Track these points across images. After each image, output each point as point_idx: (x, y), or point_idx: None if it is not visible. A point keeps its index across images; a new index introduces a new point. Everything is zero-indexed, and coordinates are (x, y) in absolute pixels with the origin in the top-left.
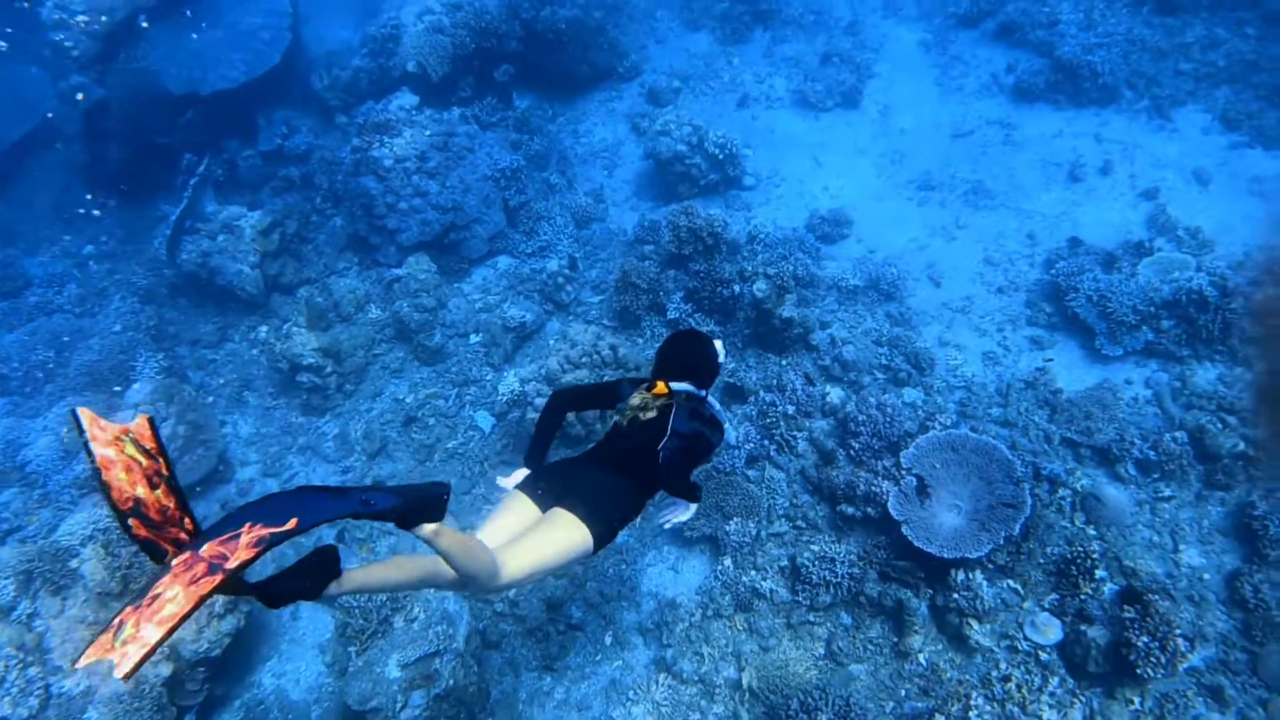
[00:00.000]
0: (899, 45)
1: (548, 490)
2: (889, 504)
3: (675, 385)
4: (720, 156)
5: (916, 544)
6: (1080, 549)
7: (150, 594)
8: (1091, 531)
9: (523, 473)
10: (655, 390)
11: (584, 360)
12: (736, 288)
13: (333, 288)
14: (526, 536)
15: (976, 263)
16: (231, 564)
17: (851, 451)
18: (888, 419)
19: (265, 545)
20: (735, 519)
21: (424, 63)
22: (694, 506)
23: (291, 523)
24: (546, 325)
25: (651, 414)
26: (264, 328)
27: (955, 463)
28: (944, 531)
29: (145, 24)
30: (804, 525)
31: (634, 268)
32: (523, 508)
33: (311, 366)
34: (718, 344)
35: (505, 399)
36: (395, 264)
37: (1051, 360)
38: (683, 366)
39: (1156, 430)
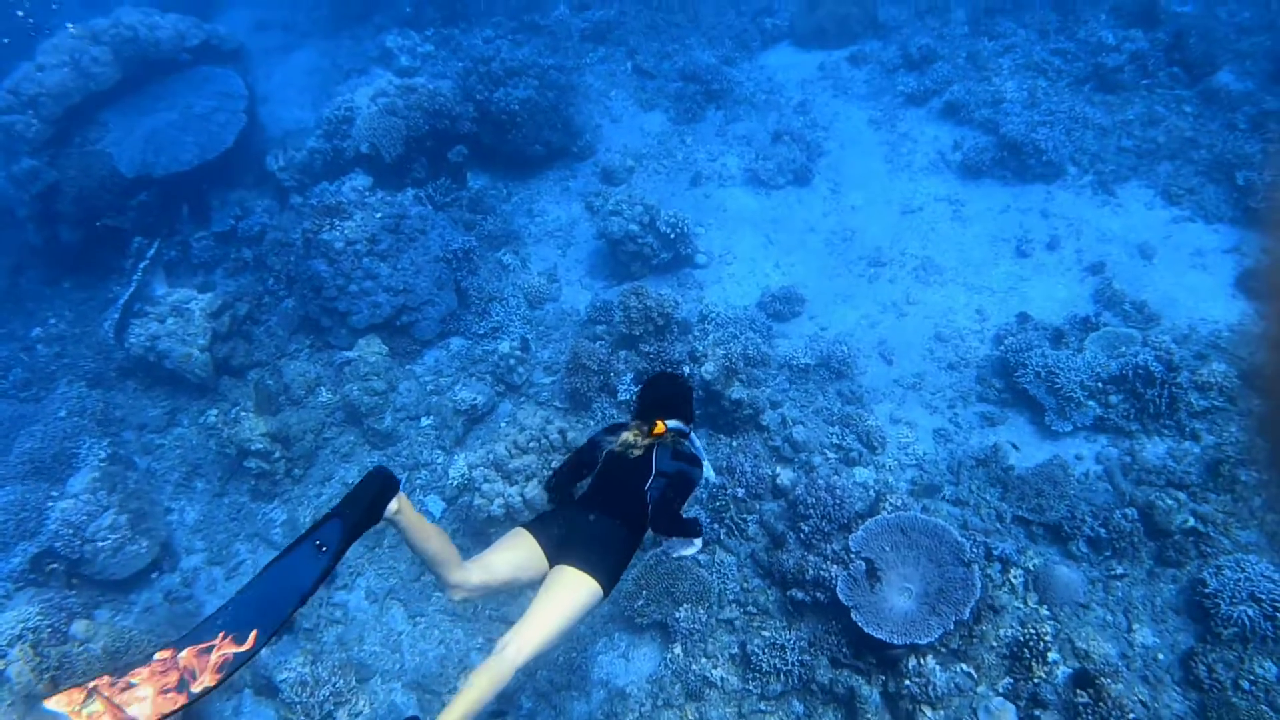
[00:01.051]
0: (849, 123)
1: (550, 538)
2: (838, 589)
3: (669, 423)
4: (672, 236)
5: (866, 630)
6: (1033, 631)
7: (127, 677)
8: (1045, 612)
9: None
10: (655, 431)
11: (532, 445)
12: (686, 369)
13: (284, 370)
14: (539, 604)
15: (927, 339)
16: (196, 687)
17: (801, 535)
18: (837, 501)
19: (228, 671)
20: (685, 605)
21: (377, 144)
22: (698, 541)
23: (251, 636)
24: (498, 407)
25: (638, 451)
26: (213, 412)
27: (905, 545)
28: (894, 616)
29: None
30: (755, 611)
31: (585, 349)
32: (525, 545)
33: (259, 452)
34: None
35: (455, 483)
36: (347, 346)
37: (1018, 449)
38: (667, 406)
39: (1108, 506)
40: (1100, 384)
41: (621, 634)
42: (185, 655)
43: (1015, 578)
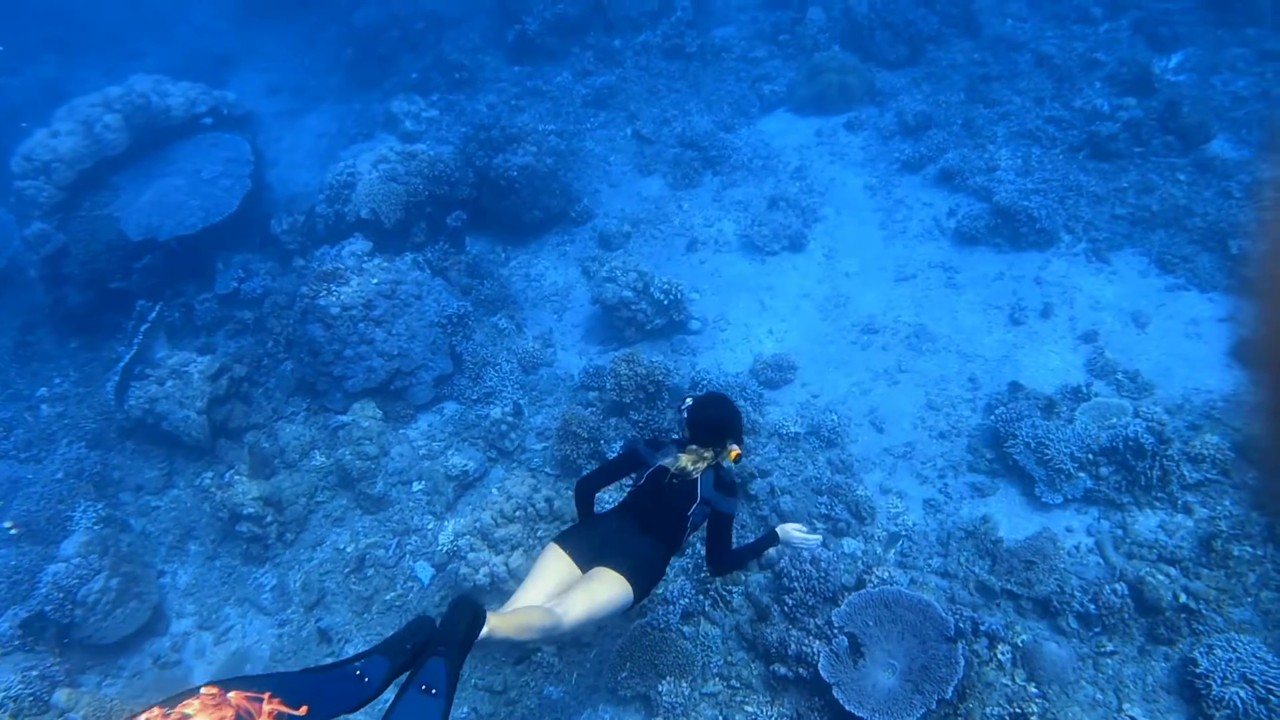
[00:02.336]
0: (845, 189)
1: (586, 549)
2: (820, 665)
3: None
4: (665, 302)
5: (848, 708)
6: (1020, 709)
7: (179, 708)
8: (1033, 689)
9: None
10: (732, 456)
11: (518, 514)
12: (676, 436)
13: (279, 433)
14: (579, 588)
15: (919, 407)
16: None
17: (785, 608)
18: (821, 574)
19: None
20: (669, 678)
21: (377, 210)
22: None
23: (303, 709)
24: (490, 473)
25: (696, 475)
26: (209, 474)
27: (889, 620)
28: (877, 693)
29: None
30: (738, 685)
31: (575, 417)
32: (561, 565)
33: (251, 516)
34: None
35: (444, 550)
36: (341, 410)
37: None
38: (722, 430)
39: (1098, 581)
40: (1091, 455)
41: (605, 705)
42: (234, 696)
43: (1002, 654)
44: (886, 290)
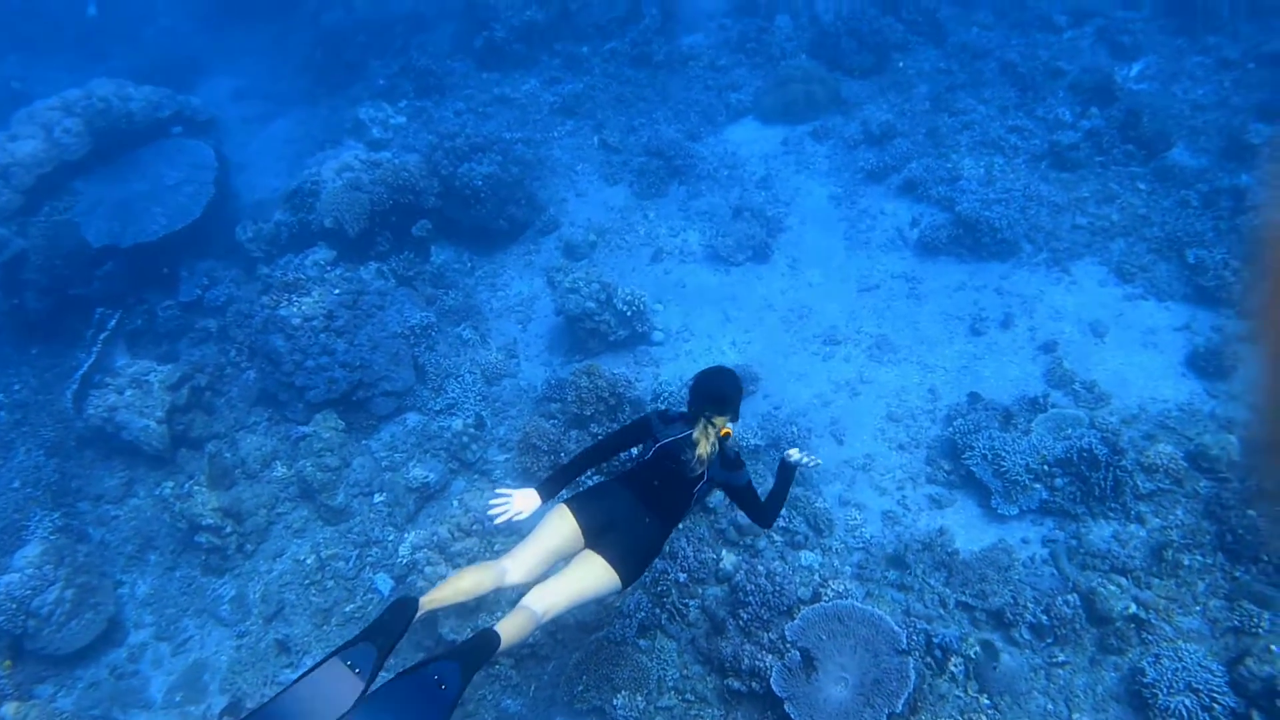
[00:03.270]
0: (810, 199)
1: (593, 522)
2: (772, 680)
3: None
4: (628, 313)
5: None
6: None
7: None
8: (985, 701)
9: (531, 493)
10: (724, 432)
11: (475, 528)
12: (634, 450)
13: (240, 444)
14: (563, 576)
15: (879, 419)
16: None
17: (740, 622)
18: (776, 588)
19: None
20: (624, 691)
21: (340, 219)
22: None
23: None
24: (451, 484)
25: (704, 452)
26: (169, 484)
27: (842, 634)
28: (829, 707)
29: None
30: (693, 699)
31: (536, 429)
32: (566, 529)
33: (210, 527)
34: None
35: (404, 562)
36: (303, 421)
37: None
38: (721, 400)
39: (1052, 592)
40: (1047, 467)
41: (562, 718)
42: None
43: (955, 666)
44: (849, 301)
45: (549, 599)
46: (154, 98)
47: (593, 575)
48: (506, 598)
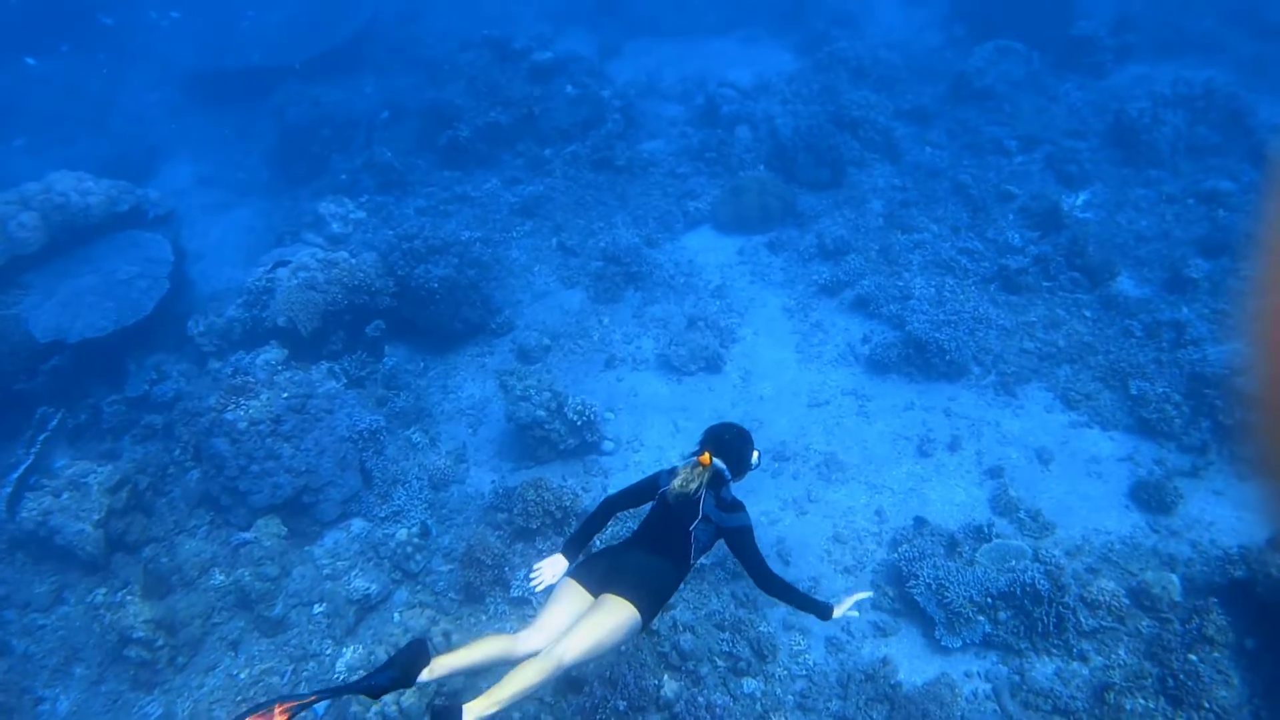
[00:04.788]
0: (764, 310)
1: (596, 577)
2: None
3: (716, 461)
4: (579, 423)
5: None
6: None
7: None
8: None
9: (558, 558)
10: (701, 459)
11: None
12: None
13: (178, 549)
14: (583, 622)
15: (826, 540)
16: None
17: None
18: None
19: None
20: None
21: (294, 318)
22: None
23: None
24: (394, 595)
25: (691, 488)
26: (101, 590)
27: None
28: None
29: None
30: None
31: (479, 543)
32: (575, 595)
33: (141, 640)
34: (757, 454)
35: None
36: (245, 526)
37: None
38: (723, 448)
39: None
40: (990, 599)
41: None
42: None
43: None
44: (799, 416)
45: (570, 641)
46: (113, 192)
47: (610, 615)
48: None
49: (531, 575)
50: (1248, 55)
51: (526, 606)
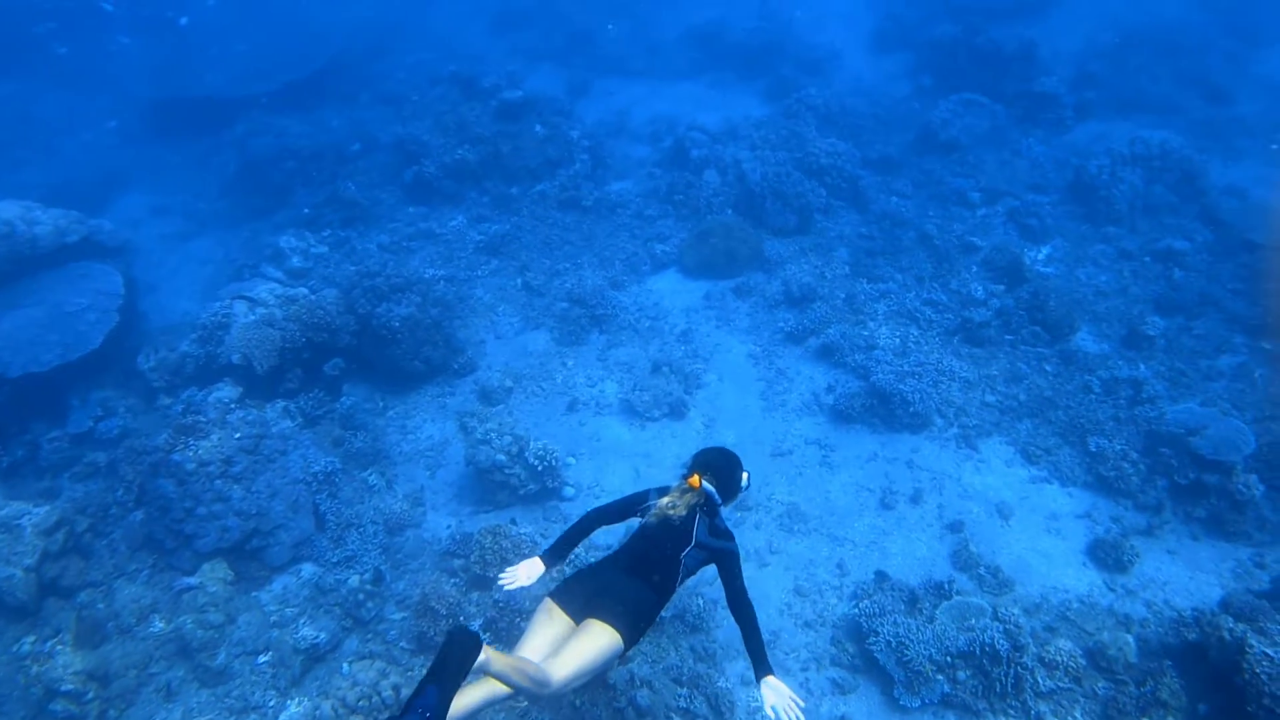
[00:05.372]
0: (729, 356)
1: (578, 601)
2: None
3: (704, 484)
4: (540, 468)
5: None
6: None
7: None
8: None
9: (535, 562)
10: (690, 481)
11: (361, 704)
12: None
13: (116, 594)
14: (567, 646)
15: (786, 592)
16: None
17: None
18: None
19: None
20: None
21: (249, 355)
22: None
23: None
24: (343, 644)
25: (681, 512)
26: (29, 639)
27: None
28: None
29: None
30: None
31: (434, 592)
32: (556, 619)
33: (69, 694)
34: (746, 475)
35: None
36: (190, 571)
37: None
38: (712, 471)
39: None
40: (949, 658)
41: None
42: None
43: None
44: (763, 465)
45: (553, 667)
46: (62, 222)
47: (592, 638)
48: None
49: (504, 576)
50: (1200, 118)
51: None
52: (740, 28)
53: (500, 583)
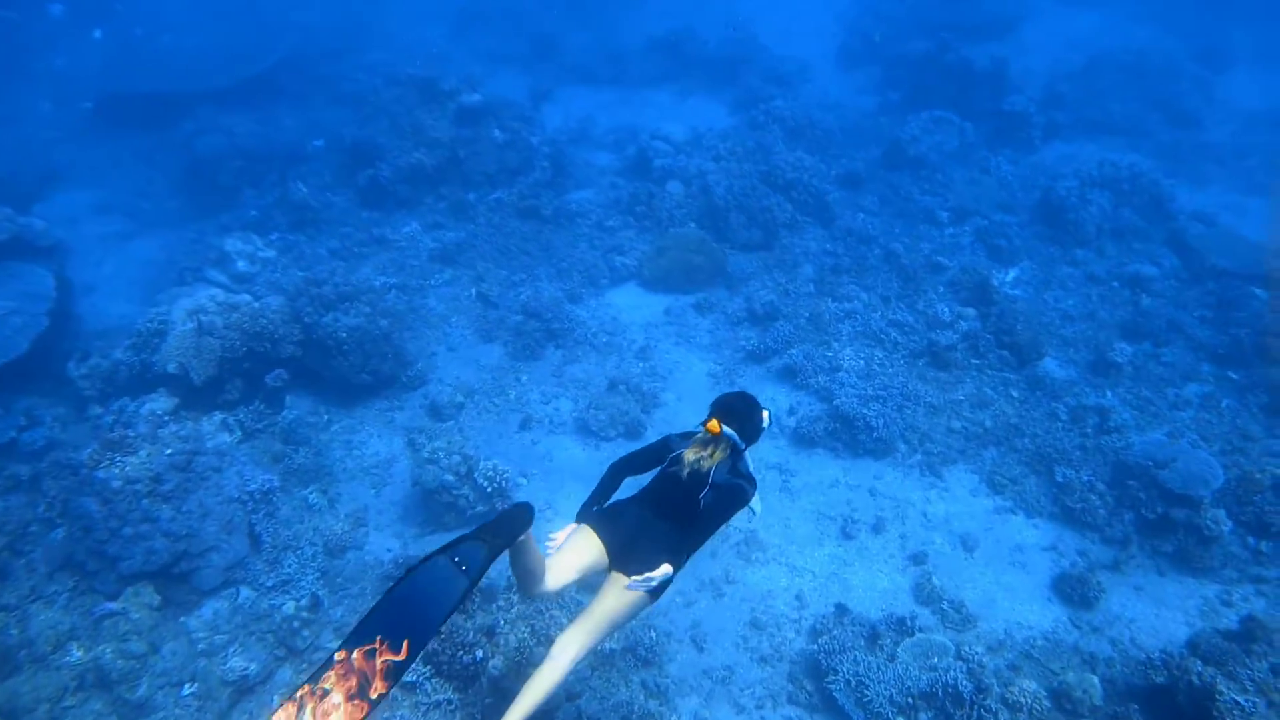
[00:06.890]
0: (688, 374)
1: (616, 541)
2: None
3: (725, 429)
4: (489, 489)
5: None
6: None
7: (321, 683)
8: None
9: (572, 526)
10: (709, 426)
11: None
12: (479, 653)
13: (32, 620)
14: (596, 606)
15: (742, 625)
16: (374, 694)
17: None
18: None
19: (393, 679)
20: None
21: (186, 365)
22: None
23: (405, 647)
24: (275, 674)
25: (713, 463)
26: None
27: None
28: None
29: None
30: None
31: None
32: (592, 547)
33: None
34: (766, 414)
35: None
36: (113, 595)
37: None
38: (734, 416)
39: None
40: (910, 699)
41: None
42: (356, 656)
43: None
44: None
45: (578, 638)
46: None
47: (622, 599)
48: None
49: (549, 542)
50: (1167, 141)
51: (419, 692)
52: (708, 38)
53: (548, 545)
